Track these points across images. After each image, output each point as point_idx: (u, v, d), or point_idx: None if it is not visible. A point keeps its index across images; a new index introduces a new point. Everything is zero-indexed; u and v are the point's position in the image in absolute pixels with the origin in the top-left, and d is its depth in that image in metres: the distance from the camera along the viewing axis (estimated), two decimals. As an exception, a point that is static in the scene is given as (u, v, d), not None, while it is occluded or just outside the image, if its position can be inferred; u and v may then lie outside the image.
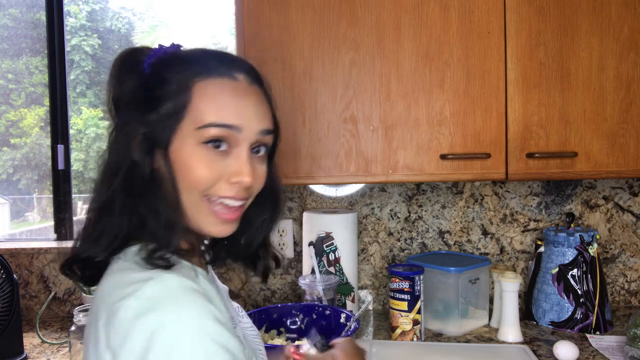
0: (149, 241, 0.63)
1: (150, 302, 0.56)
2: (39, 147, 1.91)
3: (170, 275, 0.59)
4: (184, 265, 0.63)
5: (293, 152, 1.27)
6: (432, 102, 1.26)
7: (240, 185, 0.66)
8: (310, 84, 1.27)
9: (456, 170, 1.27)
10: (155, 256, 0.61)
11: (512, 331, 1.35)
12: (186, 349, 0.53)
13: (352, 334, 1.09)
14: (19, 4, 1.90)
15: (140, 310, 0.55)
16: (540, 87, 1.26)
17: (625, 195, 1.63)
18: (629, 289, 1.64)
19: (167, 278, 0.58)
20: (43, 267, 1.64)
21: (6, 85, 1.92)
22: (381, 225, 1.64)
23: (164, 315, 0.54)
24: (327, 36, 1.26)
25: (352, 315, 1.16)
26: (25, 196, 2.07)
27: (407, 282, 1.31)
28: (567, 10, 1.25)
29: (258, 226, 0.78)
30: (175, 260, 0.62)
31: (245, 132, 0.66)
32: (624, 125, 1.27)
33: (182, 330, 0.54)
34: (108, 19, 2.18)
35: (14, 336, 1.28)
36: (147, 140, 0.65)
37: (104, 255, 0.65)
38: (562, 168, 1.27)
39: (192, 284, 0.59)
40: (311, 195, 1.65)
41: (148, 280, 0.57)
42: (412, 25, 1.26)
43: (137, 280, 0.58)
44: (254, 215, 0.77)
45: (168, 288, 0.57)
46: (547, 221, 1.63)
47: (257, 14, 1.27)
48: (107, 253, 0.65)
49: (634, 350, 1.12)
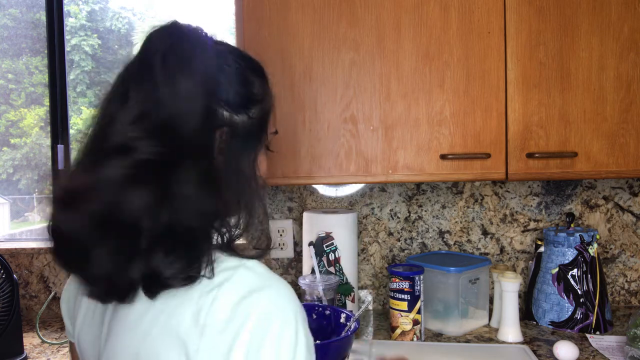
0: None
1: (248, 286, 0.56)
2: (39, 147, 1.91)
3: (253, 262, 0.60)
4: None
5: (293, 152, 1.27)
6: (432, 102, 1.26)
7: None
8: (310, 84, 1.27)
9: (456, 170, 1.27)
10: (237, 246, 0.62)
11: (512, 331, 1.35)
12: (292, 325, 0.55)
13: (352, 333, 1.09)
14: (19, 4, 1.90)
15: (243, 294, 0.55)
16: (540, 87, 1.26)
17: (625, 195, 1.63)
18: (629, 289, 1.64)
19: (253, 265, 0.60)
20: (43, 267, 1.64)
21: (6, 85, 1.92)
22: (381, 225, 1.64)
23: (265, 296, 0.56)
24: (327, 36, 1.26)
25: (352, 315, 1.16)
26: (25, 196, 2.07)
27: (407, 282, 1.31)
28: (567, 10, 1.25)
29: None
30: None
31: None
32: (624, 125, 1.27)
33: (285, 308, 0.56)
34: (108, 19, 2.18)
35: (14, 336, 1.28)
36: (238, 146, 0.65)
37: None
38: (562, 168, 1.27)
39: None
40: (311, 195, 1.65)
41: (238, 268, 0.58)
42: (412, 25, 1.26)
43: (224, 269, 0.58)
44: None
45: (259, 273, 0.59)
46: (547, 221, 1.63)
47: (257, 14, 1.27)
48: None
49: (634, 350, 1.12)
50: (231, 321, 0.54)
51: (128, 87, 0.60)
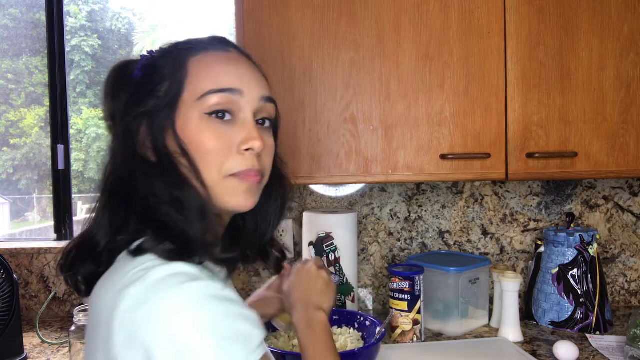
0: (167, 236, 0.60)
1: (143, 294, 0.53)
2: (39, 147, 1.91)
3: (164, 268, 0.56)
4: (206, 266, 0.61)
5: (293, 152, 1.27)
6: (432, 102, 1.26)
7: (252, 152, 0.65)
8: (310, 84, 1.27)
9: (456, 170, 1.27)
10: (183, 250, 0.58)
11: (512, 331, 1.35)
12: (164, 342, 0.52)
13: (379, 342, 1.09)
14: (19, 4, 1.90)
15: (134, 302, 0.53)
16: (540, 87, 1.26)
17: (625, 195, 1.63)
18: (629, 289, 1.64)
19: (177, 266, 0.56)
20: (43, 267, 1.64)
21: (6, 85, 1.92)
22: (381, 225, 1.64)
23: (162, 303, 0.53)
24: (327, 36, 1.26)
25: (379, 322, 1.16)
26: (25, 196, 2.07)
27: (407, 282, 1.31)
28: (567, 10, 1.25)
29: (270, 216, 0.78)
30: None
31: (247, 96, 0.66)
32: (624, 125, 1.27)
33: (158, 323, 0.52)
34: (108, 19, 2.18)
35: (14, 336, 1.28)
36: (153, 127, 0.64)
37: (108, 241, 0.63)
38: (562, 168, 1.27)
39: (197, 272, 0.57)
40: (311, 195, 1.65)
41: (149, 270, 0.55)
42: (412, 25, 1.26)
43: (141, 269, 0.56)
44: (266, 205, 0.76)
45: (154, 282, 0.55)
46: (547, 221, 1.63)
47: (257, 14, 1.27)
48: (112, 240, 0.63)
49: (634, 350, 1.12)
50: (122, 326, 0.54)
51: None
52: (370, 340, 1.14)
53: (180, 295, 0.53)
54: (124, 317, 0.54)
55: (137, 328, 0.53)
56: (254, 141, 0.65)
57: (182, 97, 0.65)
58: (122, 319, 0.54)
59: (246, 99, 0.66)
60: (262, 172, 0.69)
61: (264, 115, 0.70)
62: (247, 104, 0.66)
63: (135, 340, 0.53)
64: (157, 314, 0.52)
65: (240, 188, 0.66)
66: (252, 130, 0.66)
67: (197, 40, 0.70)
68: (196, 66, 0.66)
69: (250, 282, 1.63)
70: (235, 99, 0.65)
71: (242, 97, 0.66)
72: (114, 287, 0.57)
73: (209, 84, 0.64)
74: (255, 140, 0.65)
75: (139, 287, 0.54)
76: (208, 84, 0.64)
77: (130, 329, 0.53)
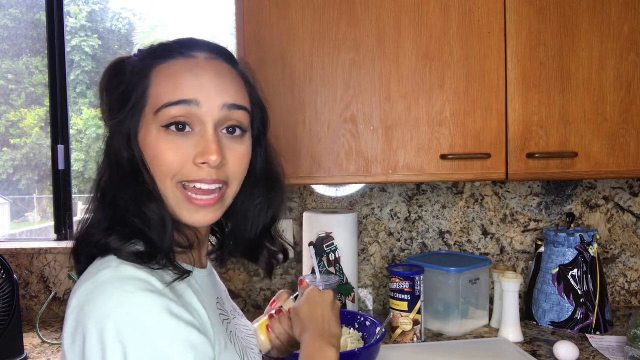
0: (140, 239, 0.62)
1: (84, 294, 0.56)
2: (39, 147, 1.91)
3: (133, 269, 0.58)
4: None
5: (293, 152, 1.27)
6: (432, 102, 1.26)
7: (208, 165, 0.63)
8: (310, 84, 1.27)
9: (456, 170, 1.27)
10: (147, 255, 0.60)
11: (512, 331, 1.35)
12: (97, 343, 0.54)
13: (379, 342, 1.09)
14: (19, 4, 1.90)
15: (78, 302, 0.56)
16: (540, 87, 1.26)
17: (625, 195, 1.63)
18: (629, 289, 1.64)
19: (130, 270, 0.58)
20: (43, 267, 1.64)
21: (6, 85, 1.92)
22: (381, 225, 1.64)
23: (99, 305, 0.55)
24: (327, 36, 1.26)
25: (379, 322, 1.15)
26: (25, 196, 2.06)
27: (407, 282, 1.31)
28: (567, 10, 1.25)
29: (252, 214, 0.76)
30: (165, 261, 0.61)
31: (205, 106, 0.64)
32: (624, 125, 1.27)
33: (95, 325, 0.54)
34: (108, 19, 2.18)
35: (14, 336, 1.28)
36: (121, 136, 0.65)
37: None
38: (562, 168, 1.27)
39: (148, 276, 0.58)
40: (311, 195, 1.65)
41: (101, 270, 0.58)
42: (412, 25, 1.26)
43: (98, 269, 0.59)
44: (246, 202, 0.75)
45: (100, 282, 0.57)
46: (547, 221, 1.63)
47: (257, 14, 1.27)
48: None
49: (634, 350, 1.12)
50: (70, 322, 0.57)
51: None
52: (370, 340, 1.14)
53: (122, 300, 0.55)
54: (72, 314, 0.57)
55: (78, 324, 0.55)
56: (209, 155, 0.63)
57: (144, 109, 0.65)
58: (70, 315, 0.57)
59: (204, 109, 0.64)
60: (226, 181, 0.67)
61: (231, 123, 0.67)
62: (206, 114, 0.64)
63: (76, 336, 0.55)
64: (96, 314, 0.54)
65: (192, 208, 0.65)
66: (210, 143, 0.63)
67: (164, 46, 0.69)
68: (158, 76, 0.65)
69: (250, 282, 1.63)
70: (192, 110, 0.63)
71: (199, 107, 0.63)
72: (75, 285, 0.61)
73: (167, 96, 0.63)
74: (211, 154, 0.63)
75: (89, 286, 0.57)
76: (165, 96, 0.64)
77: (75, 325, 0.56)
